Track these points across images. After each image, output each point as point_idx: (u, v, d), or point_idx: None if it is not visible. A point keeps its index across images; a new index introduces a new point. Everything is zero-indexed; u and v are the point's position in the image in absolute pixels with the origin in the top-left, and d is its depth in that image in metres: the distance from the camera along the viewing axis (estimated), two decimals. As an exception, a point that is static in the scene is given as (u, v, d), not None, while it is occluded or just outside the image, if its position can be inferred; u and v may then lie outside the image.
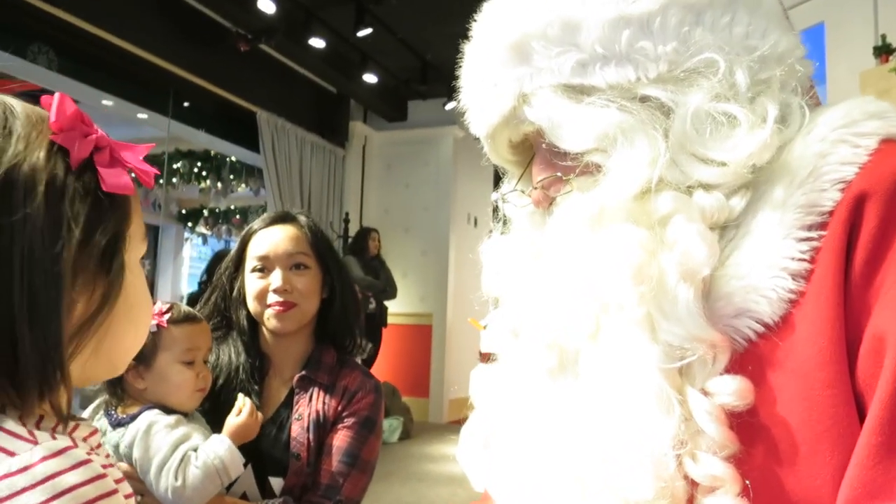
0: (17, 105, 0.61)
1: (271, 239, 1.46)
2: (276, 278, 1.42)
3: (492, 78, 0.75)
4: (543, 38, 0.71)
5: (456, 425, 6.08)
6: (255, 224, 1.51)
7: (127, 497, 0.60)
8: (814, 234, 0.61)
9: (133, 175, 0.63)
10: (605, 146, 0.68)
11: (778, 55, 0.69)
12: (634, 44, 0.68)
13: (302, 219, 1.52)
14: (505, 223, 0.87)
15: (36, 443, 0.54)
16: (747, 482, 0.59)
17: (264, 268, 1.44)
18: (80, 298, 0.58)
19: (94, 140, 0.60)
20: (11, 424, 0.54)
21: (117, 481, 0.59)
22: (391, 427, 6.00)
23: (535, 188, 0.78)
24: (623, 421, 0.62)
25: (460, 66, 0.83)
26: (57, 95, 0.60)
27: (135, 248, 0.65)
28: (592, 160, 0.70)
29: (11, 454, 0.52)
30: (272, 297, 1.42)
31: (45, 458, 0.53)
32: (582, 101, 0.70)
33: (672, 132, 0.66)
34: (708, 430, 0.59)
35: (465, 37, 0.81)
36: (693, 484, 0.60)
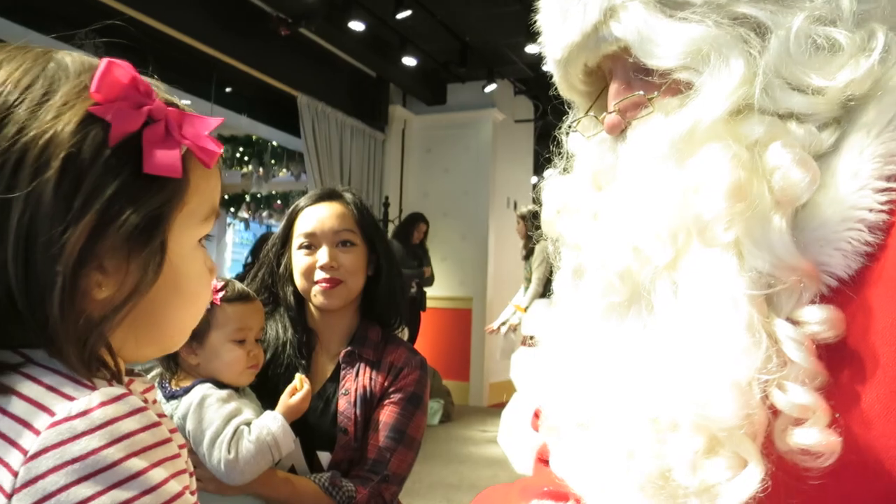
0: (75, 66, 0.59)
1: (318, 216, 1.46)
2: (322, 255, 1.43)
3: None
4: None
5: (497, 409, 6.09)
6: (302, 201, 1.52)
7: (186, 462, 0.60)
8: (894, 184, 0.58)
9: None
10: (696, 63, 0.65)
11: None
12: None
13: (348, 196, 1.52)
14: (568, 161, 0.83)
15: (94, 388, 0.53)
16: (837, 415, 0.56)
17: (311, 245, 1.45)
18: (109, 280, 0.56)
19: (146, 112, 0.57)
20: (69, 371, 0.54)
21: (181, 447, 0.58)
22: (432, 409, 6.02)
23: (612, 112, 0.74)
24: (707, 350, 0.59)
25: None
26: (104, 62, 0.57)
27: (190, 230, 0.62)
28: (682, 78, 0.67)
29: (71, 398, 0.52)
30: (319, 274, 1.43)
31: (103, 404, 0.52)
32: (675, 15, 0.67)
33: (768, 54, 0.63)
34: (796, 358, 0.56)
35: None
36: (775, 415, 0.57)
